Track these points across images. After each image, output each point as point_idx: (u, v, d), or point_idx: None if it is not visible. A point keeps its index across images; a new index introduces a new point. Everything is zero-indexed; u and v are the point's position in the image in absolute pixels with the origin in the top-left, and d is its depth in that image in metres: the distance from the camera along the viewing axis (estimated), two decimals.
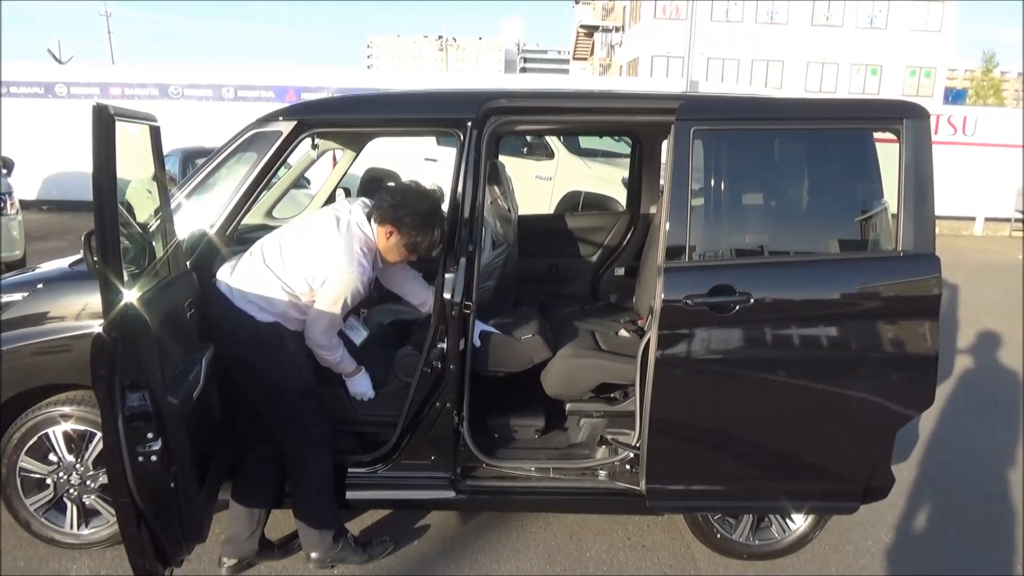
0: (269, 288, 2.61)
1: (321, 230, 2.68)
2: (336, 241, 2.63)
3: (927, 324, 2.58)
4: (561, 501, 3.01)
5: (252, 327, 2.61)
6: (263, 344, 2.63)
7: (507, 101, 2.82)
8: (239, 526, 2.79)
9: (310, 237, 2.68)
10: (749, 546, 3.02)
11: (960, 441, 4.35)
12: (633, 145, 4.40)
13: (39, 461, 2.82)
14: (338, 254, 2.61)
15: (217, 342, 2.63)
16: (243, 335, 2.62)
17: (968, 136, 15.43)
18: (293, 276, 2.62)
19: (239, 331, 2.62)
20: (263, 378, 2.67)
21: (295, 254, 2.65)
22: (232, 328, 2.63)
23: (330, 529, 2.82)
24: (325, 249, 2.63)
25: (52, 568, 2.85)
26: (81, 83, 14.13)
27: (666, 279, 2.53)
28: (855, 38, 29.06)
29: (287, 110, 2.89)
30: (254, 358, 2.65)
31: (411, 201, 2.70)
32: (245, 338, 2.63)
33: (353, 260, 2.61)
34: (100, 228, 1.95)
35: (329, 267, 2.60)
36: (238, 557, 2.81)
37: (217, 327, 2.65)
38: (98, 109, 1.92)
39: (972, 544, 3.24)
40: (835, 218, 2.86)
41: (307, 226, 2.74)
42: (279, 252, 2.67)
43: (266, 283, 2.62)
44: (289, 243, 2.69)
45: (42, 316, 2.77)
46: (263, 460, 2.80)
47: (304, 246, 2.66)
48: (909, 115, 2.60)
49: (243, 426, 2.81)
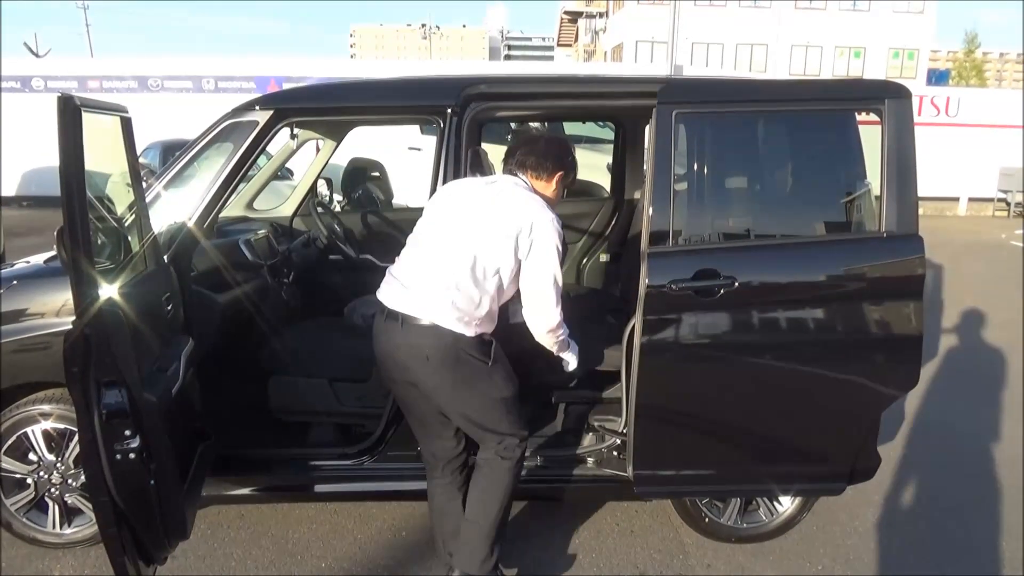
0: (467, 298, 2.32)
1: (495, 203, 2.38)
2: (519, 197, 2.39)
3: (911, 304, 2.58)
4: (548, 489, 3.01)
5: (467, 342, 2.34)
6: (493, 357, 2.41)
7: (487, 87, 2.79)
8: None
9: (485, 214, 2.36)
10: (737, 529, 3.03)
11: (945, 420, 4.38)
12: (616, 130, 4.37)
13: (19, 461, 2.78)
14: (531, 206, 2.37)
15: (432, 369, 2.35)
16: (456, 353, 2.34)
17: (951, 117, 15.52)
18: (482, 269, 2.32)
19: (453, 351, 2.33)
20: (487, 392, 2.42)
21: (476, 244, 2.33)
22: (445, 349, 2.33)
23: (496, 549, 2.55)
24: (513, 209, 2.35)
25: (35, 568, 2.82)
26: (58, 77, 13.96)
27: (650, 264, 2.51)
28: (838, 21, 29.11)
29: (264, 99, 2.85)
30: (474, 375, 2.38)
31: (553, 142, 2.59)
32: (464, 357, 2.35)
33: (546, 208, 2.39)
34: (69, 222, 1.91)
35: (529, 222, 2.32)
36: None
37: (432, 352, 2.33)
38: (63, 100, 1.88)
39: (957, 521, 3.27)
40: (818, 200, 2.84)
41: (468, 211, 2.40)
42: (450, 251, 2.35)
43: (462, 293, 2.31)
44: (459, 238, 2.36)
45: (19, 313, 2.72)
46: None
47: (484, 227, 2.34)
48: (890, 95, 2.59)
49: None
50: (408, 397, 2.51)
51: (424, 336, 2.32)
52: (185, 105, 13.16)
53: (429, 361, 2.33)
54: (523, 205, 2.39)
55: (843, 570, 2.92)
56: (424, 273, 2.37)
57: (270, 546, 2.98)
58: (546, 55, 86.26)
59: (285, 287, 3.65)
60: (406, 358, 2.37)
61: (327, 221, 4.27)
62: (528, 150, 2.55)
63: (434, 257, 2.38)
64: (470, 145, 2.90)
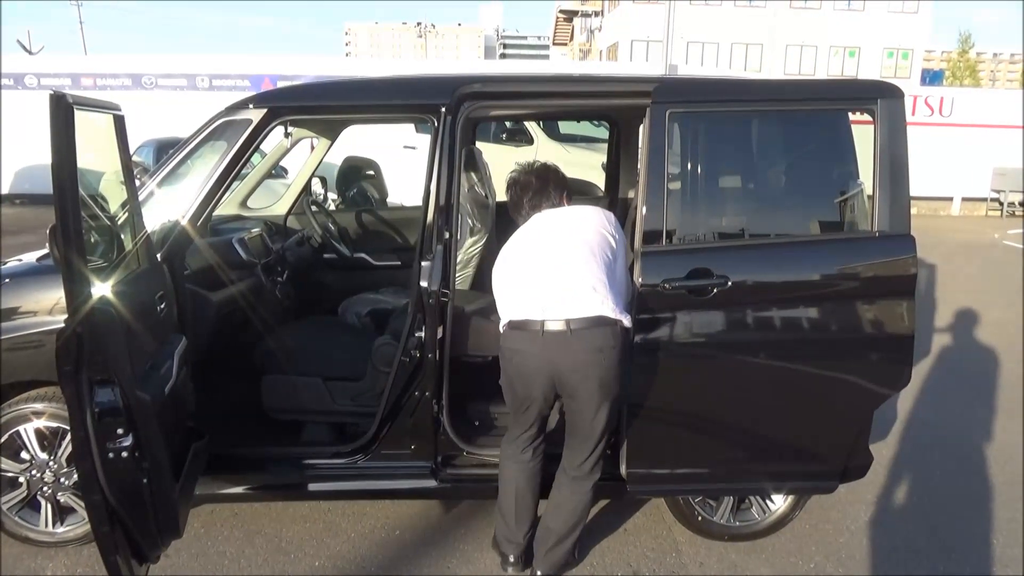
0: (608, 286, 2.45)
1: (575, 218, 2.61)
2: (583, 209, 2.65)
3: (903, 304, 2.59)
4: (542, 487, 3.00)
5: (624, 333, 2.48)
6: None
7: (481, 86, 2.78)
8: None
9: (578, 226, 2.57)
10: (730, 527, 3.04)
11: (937, 418, 4.40)
12: (611, 129, 4.38)
13: (11, 459, 2.77)
14: (593, 209, 2.64)
15: (606, 362, 2.43)
16: (626, 346, 2.48)
17: (945, 117, 15.55)
18: (600, 262, 2.48)
19: (624, 343, 2.47)
20: (620, 391, 2.54)
21: (583, 242, 2.50)
22: (620, 343, 2.46)
23: (575, 551, 2.80)
24: (588, 215, 2.60)
25: (27, 567, 2.81)
26: (52, 74, 13.87)
27: (643, 263, 2.52)
28: (833, 20, 29.17)
29: (257, 97, 2.84)
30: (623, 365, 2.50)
31: (546, 171, 2.72)
32: (627, 348, 2.50)
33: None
34: (61, 220, 1.90)
35: (605, 221, 2.58)
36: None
37: (605, 344, 2.43)
38: (55, 98, 1.87)
39: (949, 519, 3.29)
40: (811, 199, 2.85)
41: (563, 228, 2.58)
42: (568, 257, 2.48)
43: (603, 283, 2.44)
44: (564, 242, 2.52)
45: (12, 312, 2.71)
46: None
47: (586, 232, 2.54)
48: (883, 95, 2.60)
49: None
50: (540, 407, 2.60)
51: (597, 335, 2.41)
52: (179, 103, 13.10)
53: (604, 356, 2.42)
54: (585, 208, 2.65)
55: (835, 568, 2.93)
56: (566, 281, 2.45)
57: (264, 544, 2.97)
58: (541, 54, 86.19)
59: (279, 286, 3.64)
60: (579, 363, 2.43)
61: (321, 220, 4.27)
62: (531, 196, 2.67)
63: (566, 266, 2.47)
64: (464, 144, 2.90)
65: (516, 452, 2.71)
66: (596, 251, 2.47)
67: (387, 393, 2.80)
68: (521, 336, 2.49)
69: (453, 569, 2.86)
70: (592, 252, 2.47)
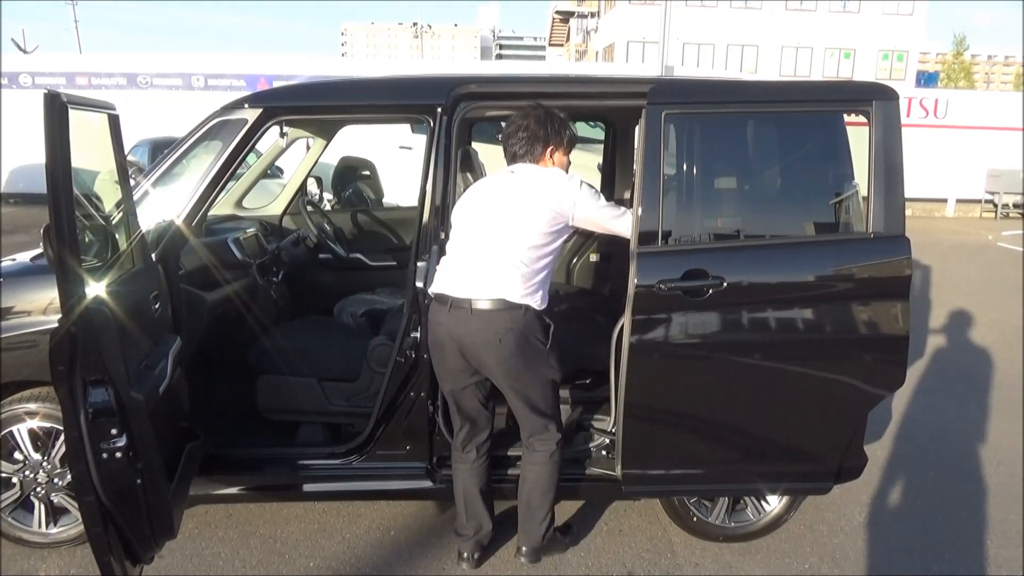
0: (531, 268, 2.48)
1: (525, 184, 2.53)
2: (540, 173, 2.57)
3: (898, 305, 2.60)
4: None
5: (535, 316, 2.52)
6: (550, 340, 2.57)
7: (477, 86, 2.78)
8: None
9: (521, 195, 2.50)
10: (725, 528, 3.04)
11: (932, 419, 4.41)
12: (607, 130, 4.38)
13: (4, 460, 2.76)
14: (551, 173, 2.57)
15: (505, 350, 2.46)
16: (526, 333, 2.48)
17: (940, 119, 15.62)
18: (524, 242, 2.46)
19: (523, 330, 2.48)
20: (545, 373, 2.59)
21: (515, 218, 2.47)
22: (518, 329, 2.46)
23: (552, 522, 2.80)
24: (540, 183, 2.52)
25: (20, 568, 2.80)
26: (47, 73, 13.86)
27: (639, 264, 2.52)
28: (829, 22, 29.22)
29: (253, 97, 2.83)
30: (536, 355, 2.54)
31: (529, 124, 2.61)
32: (534, 331, 2.51)
33: (563, 172, 2.60)
34: (55, 219, 1.90)
35: (558, 188, 2.50)
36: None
37: (505, 334, 2.45)
38: (50, 97, 1.87)
39: (944, 520, 3.29)
40: (806, 201, 2.86)
41: (505, 196, 2.53)
42: (494, 230, 2.48)
43: (525, 264, 2.46)
44: (497, 214, 2.50)
45: (6, 311, 2.70)
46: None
47: (518, 204, 2.49)
48: (878, 97, 2.60)
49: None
50: (460, 383, 2.61)
51: (496, 319, 2.45)
52: (174, 102, 13.10)
53: (503, 343, 2.45)
54: (545, 176, 2.56)
55: (830, 569, 2.94)
56: (483, 257, 2.48)
57: (258, 545, 2.97)
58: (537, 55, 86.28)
59: (274, 286, 3.64)
60: (480, 343, 2.47)
61: (317, 220, 4.26)
62: (514, 142, 2.63)
63: (488, 241, 2.49)
64: (460, 144, 2.90)
65: (459, 452, 2.75)
66: (526, 227, 2.46)
67: (382, 394, 2.80)
68: (436, 308, 2.55)
69: (448, 570, 2.85)
70: (520, 228, 2.46)
